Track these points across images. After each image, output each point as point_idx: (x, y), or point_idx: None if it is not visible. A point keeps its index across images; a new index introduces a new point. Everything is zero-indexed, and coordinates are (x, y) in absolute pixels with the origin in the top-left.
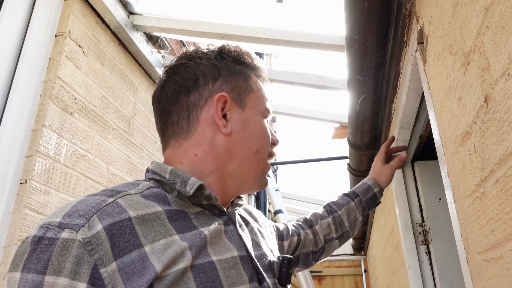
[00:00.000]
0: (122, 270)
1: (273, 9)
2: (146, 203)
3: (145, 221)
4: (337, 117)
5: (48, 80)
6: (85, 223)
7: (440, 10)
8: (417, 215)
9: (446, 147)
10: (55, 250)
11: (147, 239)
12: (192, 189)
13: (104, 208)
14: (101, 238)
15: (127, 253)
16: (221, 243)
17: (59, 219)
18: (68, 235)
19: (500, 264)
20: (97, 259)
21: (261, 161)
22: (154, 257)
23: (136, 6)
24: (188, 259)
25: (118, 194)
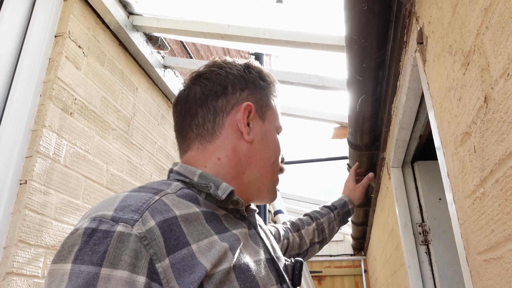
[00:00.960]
0: (174, 266)
1: (273, 10)
2: (185, 203)
3: (188, 220)
4: (337, 117)
5: (48, 80)
6: (139, 218)
7: (439, 10)
8: (417, 215)
9: (446, 147)
10: (112, 243)
11: (192, 238)
12: (224, 194)
13: (153, 205)
14: (155, 234)
15: (178, 250)
16: (249, 246)
17: (111, 213)
18: (123, 229)
19: (500, 264)
20: (153, 254)
21: (275, 172)
22: (201, 256)
23: (136, 6)
24: (231, 259)
25: (161, 192)
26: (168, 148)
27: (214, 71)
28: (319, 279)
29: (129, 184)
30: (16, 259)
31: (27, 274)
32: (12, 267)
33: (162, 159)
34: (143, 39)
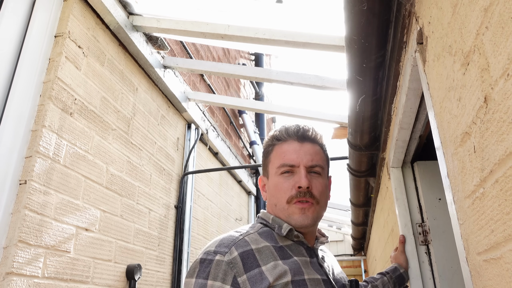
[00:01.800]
0: (250, 280)
1: (272, 10)
2: (260, 240)
3: (260, 251)
4: (337, 118)
5: (48, 80)
6: (228, 250)
7: (439, 10)
8: (417, 216)
9: (445, 147)
10: (212, 266)
11: (262, 262)
12: (285, 232)
13: (238, 242)
14: (237, 260)
15: (252, 270)
16: (309, 268)
17: (213, 248)
18: (219, 257)
19: (500, 265)
20: (236, 272)
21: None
22: (268, 273)
23: (136, 6)
24: (289, 276)
25: (245, 233)
26: (168, 148)
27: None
28: None
29: (129, 184)
30: (16, 259)
31: (27, 274)
32: (12, 267)
33: (162, 159)
34: (143, 39)
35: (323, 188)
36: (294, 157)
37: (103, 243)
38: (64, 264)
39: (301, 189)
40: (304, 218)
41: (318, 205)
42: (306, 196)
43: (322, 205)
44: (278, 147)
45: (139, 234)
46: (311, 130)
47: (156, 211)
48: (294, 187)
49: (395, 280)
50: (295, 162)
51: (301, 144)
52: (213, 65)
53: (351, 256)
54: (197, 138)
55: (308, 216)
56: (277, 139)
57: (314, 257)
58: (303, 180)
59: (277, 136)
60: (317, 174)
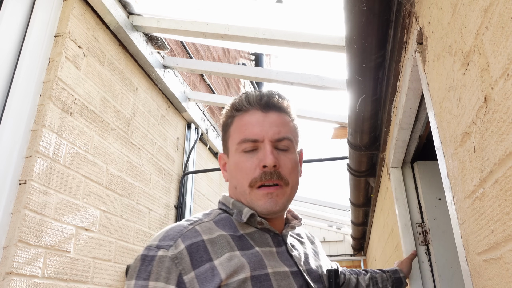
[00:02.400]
0: (198, 278)
1: (272, 10)
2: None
3: (214, 242)
4: (337, 118)
5: (48, 80)
6: (173, 244)
7: (439, 10)
8: (416, 216)
9: (445, 147)
10: (154, 264)
11: (216, 255)
12: (245, 218)
13: (185, 233)
14: (183, 254)
15: (202, 265)
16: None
17: (157, 242)
18: (162, 253)
19: (500, 265)
20: (182, 269)
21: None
22: (221, 267)
23: (136, 6)
24: (247, 271)
25: (196, 222)
26: (168, 148)
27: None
28: None
29: (128, 184)
30: (16, 259)
31: (27, 274)
32: (12, 267)
33: (162, 159)
34: (143, 39)
35: (293, 165)
36: (257, 131)
37: (103, 243)
38: (64, 264)
39: (266, 168)
40: (272, 204)
41: (288, 186)
42: (273, 177)
43: (293, 185)
44: (238, 119)
45: (139, 234)
46: (277, 96)
47: (156, 211)
48: (258, 166)
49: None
50: (258, 136)
51: (265, 114)
52: (213, 65)
53: (351, 256)
54: (197, 138)
55: (276, 202)
56: (237, 109)
57: (283, 246)
58: (269, 158)
59: (236, 106)
60: (285, 149)
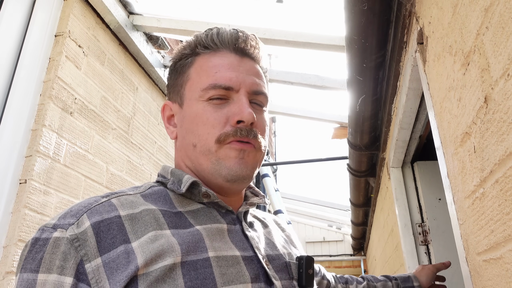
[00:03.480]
0: (106, 265)
1: (273, 9)
2: (141, 203)
3: (136, 218)
4: (337, 118)
5: (48, 80)
6: (75, 221)
7: (440, 10)
8: (416, 216)
9: (446, 147)
10: (47, 249)
11: (135, 235)
12: (184, 187)
13: (95, 207)
14: (87, 234)
15: (113, 249)
16: (222, 241)
17: (54, 221)
18: (59, 234)
19: (500, 265)
20: (83, 255)
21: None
22: (139, 251)
23: (136, 6)
24: (177, 255)
25: (114, 195)
26: (168, 147)
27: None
28: None
29: (129, 183)
30: (16, 258)
31: None
32: (12, 267)
33: (162, 158)
34: (143, 39)
35: (265, 127)
36: (232, 76)
37: None
38: None
39: (241, 124)
40: (242, 167)
41: (260, 150)
42: (249, 135)
43: (263, 151)
44: (203, 58)
45: None
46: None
47: None
48: (229, 121)
49: None
50: (233, 83)
51: (241, 58)
52: None
53: (351, 256)
54: None
55: (247, 163)
56: (204, 46)
57: (237, 224)
58: (247, 112)
59: (203, 41)
60: (260, 107)
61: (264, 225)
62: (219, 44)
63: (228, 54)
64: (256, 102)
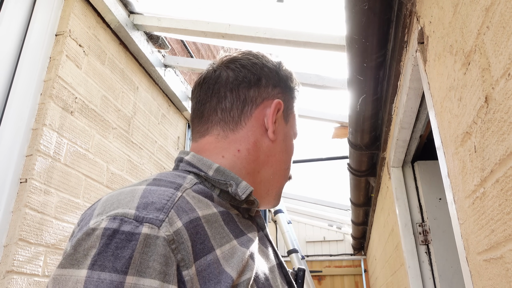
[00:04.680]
0: (200, 274)
1: (273, 9)
2: (205, 202)
3: (209, 222)
4: (337, 117)
5: (49, 79)
6: (165, 217)
7: (440, 10)
8: (417, 215)
9: (446, 147)
10: (137, 247)
11: (216, 242)
12: (244, 194)
13: (178, 203)
14: (183, 236)
15: (204, 256)
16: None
17: (133, 211)
18: (149, 230)
19: (500, 264)
20: (180, 260)
21: (286, 178)
22: (226, 263)
23: (137, 5)
24: (252, 268)
25: (182, 187)
26: (169, 147)
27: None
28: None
29: (129, 183)
30: (16, 257)
31: (27, 273)
32: (12, 266)
33: (163, 158)
34: (143, 38)
35: None
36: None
37: None
38: None
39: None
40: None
41: None
42: None
43: None
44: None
45: None
46: None
47: None
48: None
49: None
50: None
51: None
52: None
53: (351, 255)
54: None
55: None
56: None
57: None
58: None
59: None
60: None
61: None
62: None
63: None
64: None
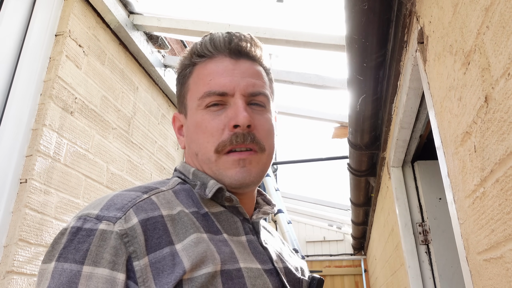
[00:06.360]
0: (153, 265)
1: (273, 9)
2: (176, 202)
3: (175, 220)
4: (337, 117)
5: (48, 79)
6: (122, 215)
7: (440, 10)
8: (417, 215)
9: (446, 147)
10: (94, 241)
11: (178, 238)
12: (211, 193)
13: (139, 203)
14: (136, 231)
15: (159, 249)
16: (246, 253)
17: (97, 211)
18: (106, 226)
19: (500, 264)
20: (132, 252)
21: (208, 162)
22: (184, 254)
23: (137, 5)
24: (217, 263)
25: (152, 191)
26: (169, 147)
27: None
28: None
29: (129, 183)
30: (17, 258)
31: (27, 273)
32: (13, 266)
33: (163, 158)
34: (143, 38)
35: (269, 127)
36: (225, 81)
37: None
38: None
39: (238, 129)
40: (245, 175)
41: (264, 153)
42: (246, 141)
43: (270, 152)
44: (200, 67)
45: None
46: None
47: None
48: (226, 126)
49: None
50: (227, 88)
51: (236, 61)
52: None
53: (351, 255)
54: None
55: (250, 171)
56: (198, 55)
57: (254, 235)
58: (242, 115)
59: (198, 50)
60: (261, 107)
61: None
62: (213, 51)
63: (223, 58)
64: (256, 103)
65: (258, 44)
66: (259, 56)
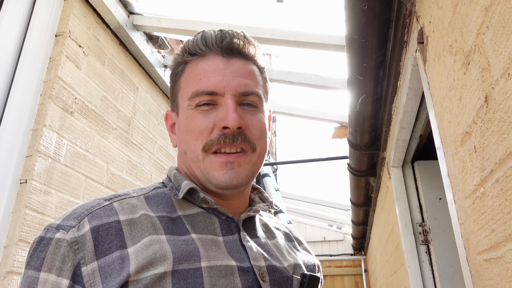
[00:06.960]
0: (102, 270)
1: (273, 9)
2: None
3: (135, 223)
4: (337, 117)
5: (48, 80)
6: (76, 224)
7: (440, 10)
8: (417, 215)
9: (446, 147)
10: (50, 249)
11: (132, 241)
12: (181, 193)
13: (96, 211)
14: (86, 238)
15: (109, 254)
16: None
17: (59, 222)
18: (60, 235)
19: (500, 264)
20: (81, 258)
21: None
22: (133, 257)
23: (136, 6)
24: (169, 263)
25: (116, 198)
26: (169, 147)
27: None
28: None
29: (129, 183)
30: (17, 258)
31: None
32: (13, 266)
33: (163, 158)
34: (143, 39)
35: (262, 127)
36: (216, 81)
37: None
38: None
39: (227, 130)
40: (233, 176)
41: (255, 153)
42: (236, 141)
43: (261, 153)
44: (191, 65)
45: None
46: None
47: None
48: (216, 127)
49: None
50: (217, 88)
51: (228, 60)
52: None
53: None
54: None
55: (238, 173)
56: (190, 53)
57: (235, 234)
58: (231, 117)
59: (189, 48)
60: (253, 107)
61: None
62: (204, 49)
63: (215, 57)
64: (248, 103)
65: (251, 42)
66: (253, 54)
